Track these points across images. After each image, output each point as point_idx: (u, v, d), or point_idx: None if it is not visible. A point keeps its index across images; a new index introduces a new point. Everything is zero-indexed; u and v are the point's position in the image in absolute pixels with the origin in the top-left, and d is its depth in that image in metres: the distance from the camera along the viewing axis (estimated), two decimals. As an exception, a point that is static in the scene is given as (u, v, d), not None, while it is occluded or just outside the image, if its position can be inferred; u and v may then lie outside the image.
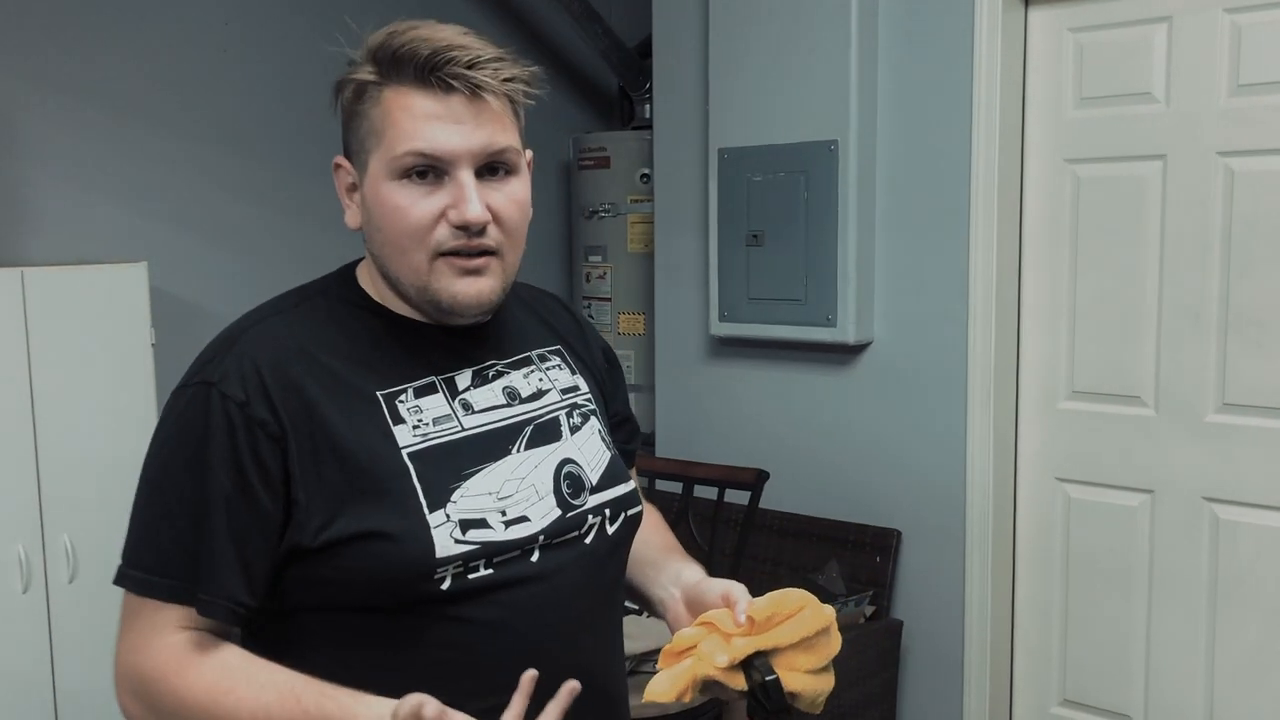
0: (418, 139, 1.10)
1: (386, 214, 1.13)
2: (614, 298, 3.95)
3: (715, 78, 3.20)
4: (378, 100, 1.13)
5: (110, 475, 2.72)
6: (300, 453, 1.10)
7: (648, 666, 2.58)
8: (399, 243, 1.13)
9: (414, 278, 1.14)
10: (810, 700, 1.18)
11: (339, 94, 1.17)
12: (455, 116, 1.11)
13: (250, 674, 1.08)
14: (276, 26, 3.55)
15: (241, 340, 1.15)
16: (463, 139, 1.11)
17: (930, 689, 3.02)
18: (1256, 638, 2.61)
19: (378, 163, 1.13)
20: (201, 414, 1.10)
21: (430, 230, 1.12)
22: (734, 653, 1.13)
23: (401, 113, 1.11)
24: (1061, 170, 2.81)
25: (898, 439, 3.03)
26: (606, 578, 1.25)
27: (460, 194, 1.11)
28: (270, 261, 3.47)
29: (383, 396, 1.15)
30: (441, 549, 1.10)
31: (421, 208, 1.11)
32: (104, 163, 3.25)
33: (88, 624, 2.76)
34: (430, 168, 1.11)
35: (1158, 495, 2.73)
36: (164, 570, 1.09)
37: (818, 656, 1.18)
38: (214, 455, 1.09)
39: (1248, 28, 2.51)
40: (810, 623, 1.17)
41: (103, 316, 2.87)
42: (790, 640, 1.15)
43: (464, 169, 1.11)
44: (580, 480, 1.22)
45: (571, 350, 1.34)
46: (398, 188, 1.12)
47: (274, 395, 1.10)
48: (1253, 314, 2.55)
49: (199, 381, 1.12)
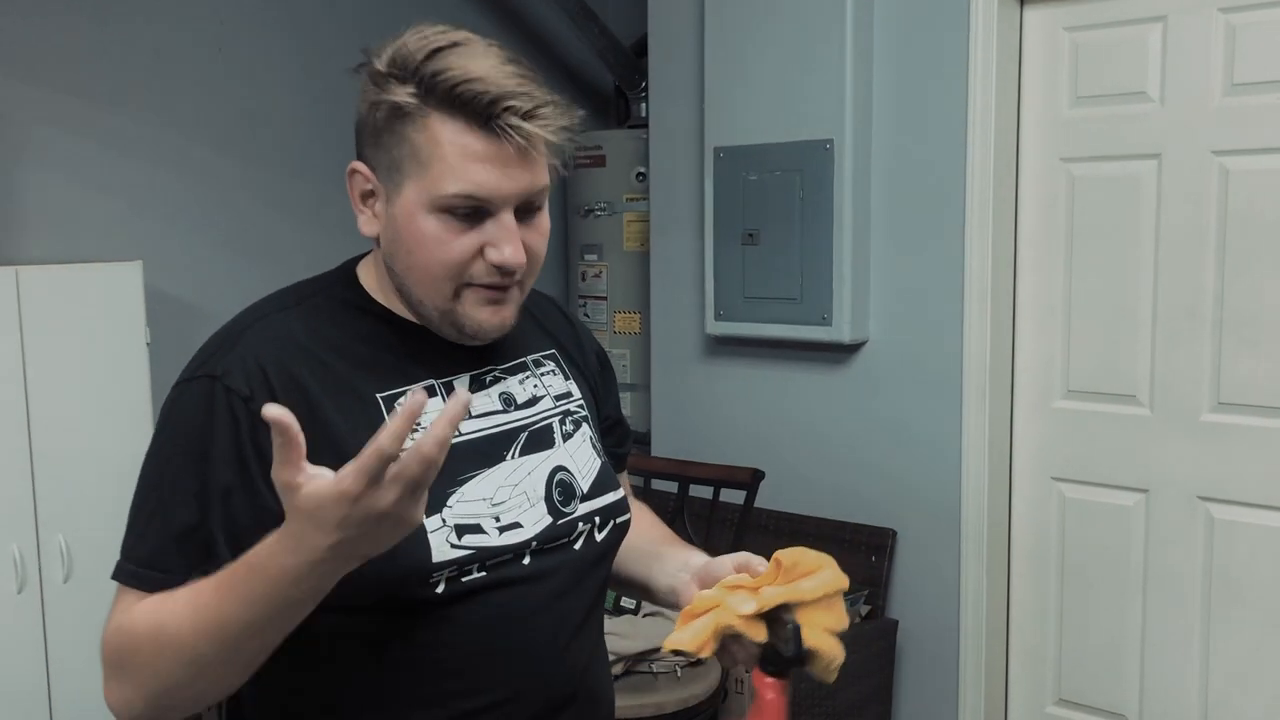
0: (468, 182, 1.09)
1: (422, 243, 1.12)
2: (610, 296, 3.95)
3: (711, 77, 3.20)
4: (422, 127, 1.09)
5: (105, 475, 2.72)
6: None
7: (642, 666, 2.58)
8: (430, 269, 1.12)
9: (439, 302, 1.14)
10: (825, 664, 1.17)
11: (372, 110, 1.12)
12: (505, 161, 1.10)
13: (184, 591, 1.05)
14: (272, 25, 3.55)
15: (245, 336, 1.14)
16: (511, 183, 1.11)
17: (926, 689, 3.03)
18: (1251, 636, 2.61)
19: (417, 190, 1.11)
20: (205, 407, 1.10)
21: (466, 266, 1.12)
22: (762, 601, 1.13)
23: (451, 149, 1.09)
24: (1057, 169, 2.82)
25: (893, 438, 3.03)
26: (593, 583, 1.25)
27: (502, 236, 1.11)
28: (266, 260, 3.46)
29: (382, 399, 1.15)
30: (438, 553, 1.10)
31: (461, 244, 1.11)
32: (99, 161, 3.25)
33: (83, 624, 2.75)
34: (474, 209, 1.11)
35: (1153, 494, 2.73)
36: (161, 564, 1.09)
37: (836, 618, 1.18)
38: (217, 448, 1.08)
39: (1242, 27, 2.51)
40: (832, 582, 1.17)
41: (98, 315, 2.86)
42: (814, 595, 1.15)
43: (507, 211, 1.12)
44: (571, 488, 1.23)
45: (566, 355, 1.34)
46: (436, 220, 1.11)
47: (278, 391, 1.10)
48: (1248, 313, 2.56)
49: (203, 375, 1.12)
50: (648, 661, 2.58)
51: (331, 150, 3.46)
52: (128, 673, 1.07)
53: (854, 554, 3.03)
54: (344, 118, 1.33)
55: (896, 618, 3.03)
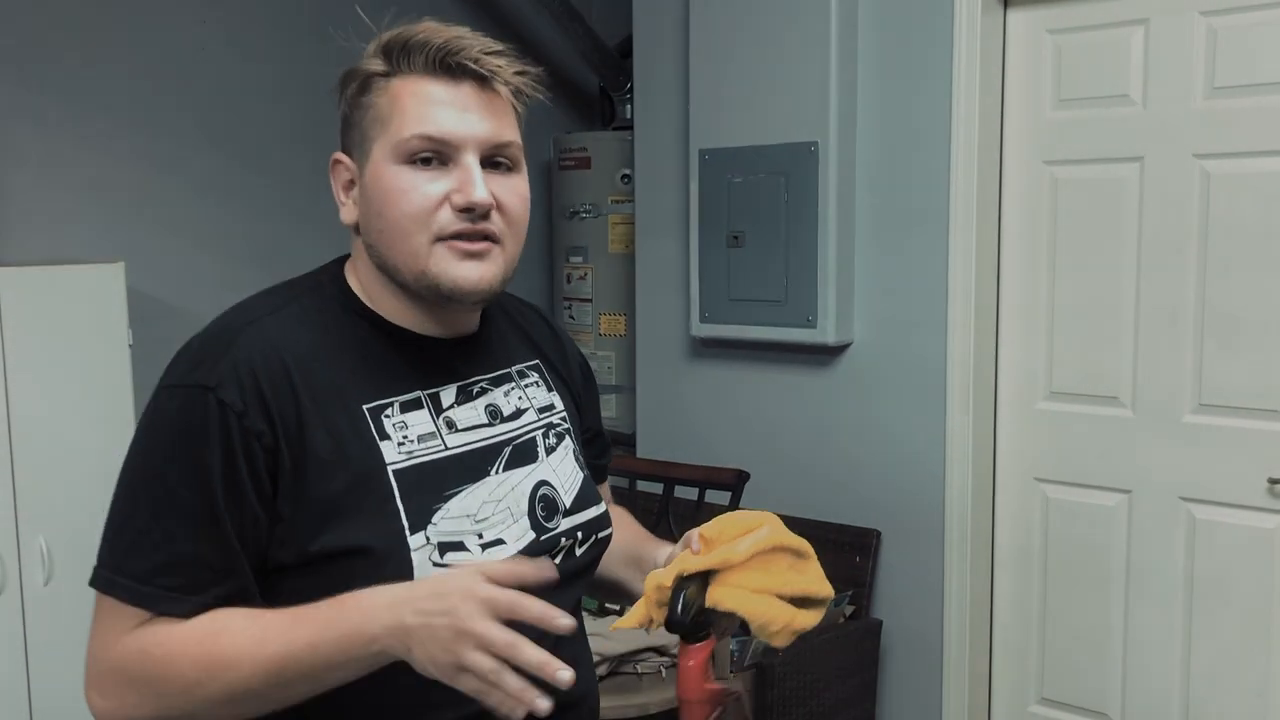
0: (426, 123, 1.11)
1: (389, 196, 1.12)
2: (595, 298, 3.95)
3: (696, 78, 3.20)
4: (385, 90, 1.14)
5: (87, 477, 2.71)
6: (290, 466, 1.08)
7: (626, 667, 2.58)
8: (400, 225, 1.12)
9: (413, 262, 1.13)
10: (760, 626, 1.14)
11: (344, 88, 1.17)
12: (464, 104, 1.12)
13: (236, 613, 1.05)
14: (255, 26, 3.54)
15: (238, 342, 1.11)
16: (470, 126, 1.12)
17: (909, 688, 3.04)
18: (1232, 636, 2.63)
19: (382, 148, 1.13)
20: (198, 420, 1.07)
21: (433, 213, 1.12)
22: (680, 568, 1.12)
23: (410, 98, 1.12)
24: (1040, 171, 2.83)
25: (877, 439, 3.04)
26: (574, 596, 1.25)
27: (466, 177, 1.12)
28: (249, 262, 3.45)
29: (368, 411, 1.14)
30: (419, 571, 1.08)
31: (425, 191, 1.11)
32: (81, 162, 3.23)
33: (63, 627, 2.74)
34: (436, 153, 1.12)
35: (1135, 495, 2.75)
36: (154, 579, 1.06)
37: (772, 577, 1.15)
38: (211, 464, 1.06)
39: (1223, 31, 2.53)
40: (766, 539, 1.15)
41: (79, 317, 2.85)
42: (741, 558, 1.13)
43: (470, 155, 1.12)
44: (554, 503, 1.22)
45: (550, 366, 1.33)
46: (402, 171, 1.12)
47: (270, 405, 1.08)
48: (1229, 315, 2.57)
49: (195, 384, 1.08)
50: (632, 662, 2.58)
51: (314, 151, 3.42)
52: (146, 692, 1.06)
53: (838, 554, 3.04)
54: (326, 119, 1.34)
55: (880, 618, 3.04)
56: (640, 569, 1.30)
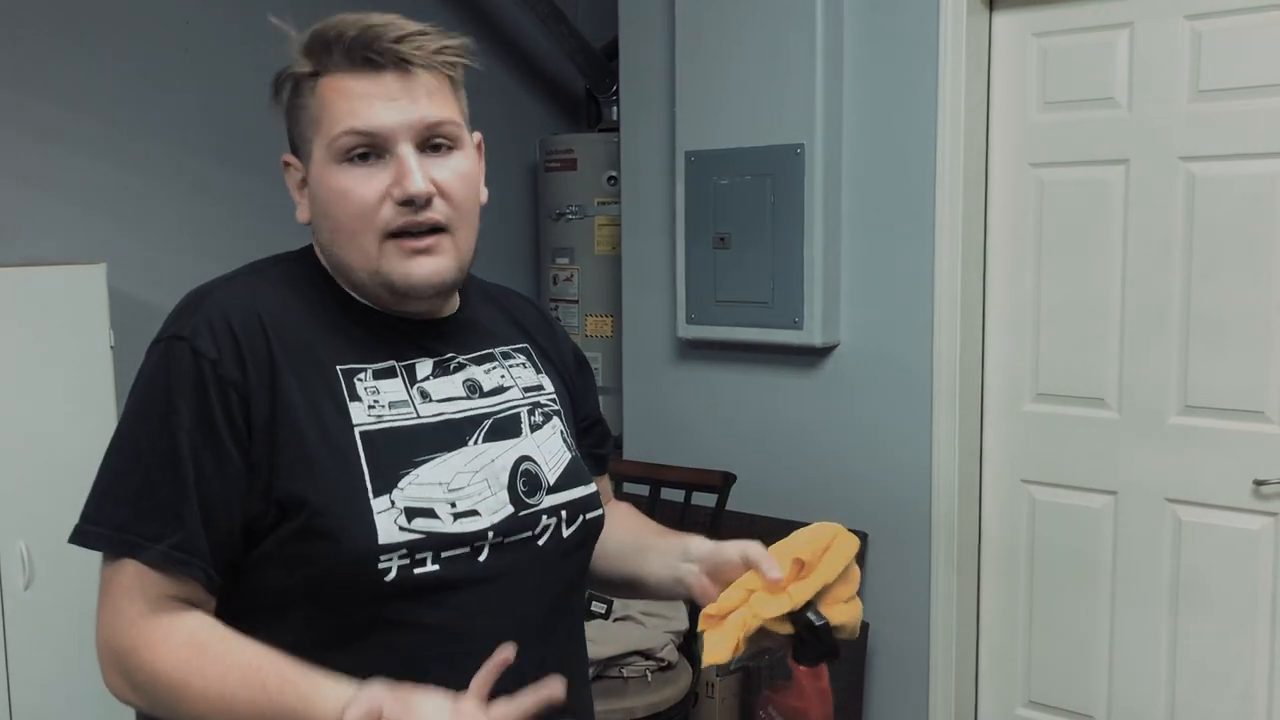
0: (352, 118, 1.11)
1: (332, 198, 1.13)
2: (581, 300, 3.94)
3: (682, 81, 3.19)
4: (314, 91, 1.14)
5: (68, 480, 2.67)
6: (261, 416, 1.09)
7: (612, 671, 2.57)
8: (347, 226, 1.13)
9: (365, 262, 1.13)
10: (851, 630, 1.19)
11: (278, 92, 1.18)
12: (388, 93, 1.11)
13: (219, 653, 1.06)
14: (237, 27, 3.51)
15: (212, 297, 1.14)
16: (398, 114, 1.11)
17: (896, 690, 3.03)
18: (1217, 638, 2.64)
19: (319, 150, 1.13)
20: (174, 369, 1.09)
21: (376, 210, 1.11)
22: (794, 601, 1.15)
23: (335, 95, 1.12)
24: (1025, 174, 2.83)
25: (864, 441, 3.04)
26: (561, 582, 1.21)
27: (401, 168, 1.11)
28: (230, 262, 3.35)
29: (342, 371, 1.14)
30: (385, 535, 1.07)
31: (364, 188, 1.11)
32: (61, 163, 3.21)
33: (43, 632, 2.71)
34: (370, 148, 1.11)
35: (1121, 497, 2.75)
36: (130, 525, 1.07)
37: (852, 584, 1.20)
38: (185, 410, 1.07)
39: (1207, 34, 2.54)
40: (845, 551, 1.19)
41: (61, 318, 2.82)
42: (834, 575, 1.17)
43: (403, 144, 1.11)
44: (537, 479, 1.20)
45: (539, 349, 1.32)
46: (340, 171, 1.12)
47: (245, 354, 1.10)
48: (1214, 317, 2.58)
49: (170, 336, 1.11)
50: (618, 666, 2.58)
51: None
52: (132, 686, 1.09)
53: (825, 557, 3.03)
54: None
55: (867, 620, 3.04)
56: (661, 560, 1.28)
